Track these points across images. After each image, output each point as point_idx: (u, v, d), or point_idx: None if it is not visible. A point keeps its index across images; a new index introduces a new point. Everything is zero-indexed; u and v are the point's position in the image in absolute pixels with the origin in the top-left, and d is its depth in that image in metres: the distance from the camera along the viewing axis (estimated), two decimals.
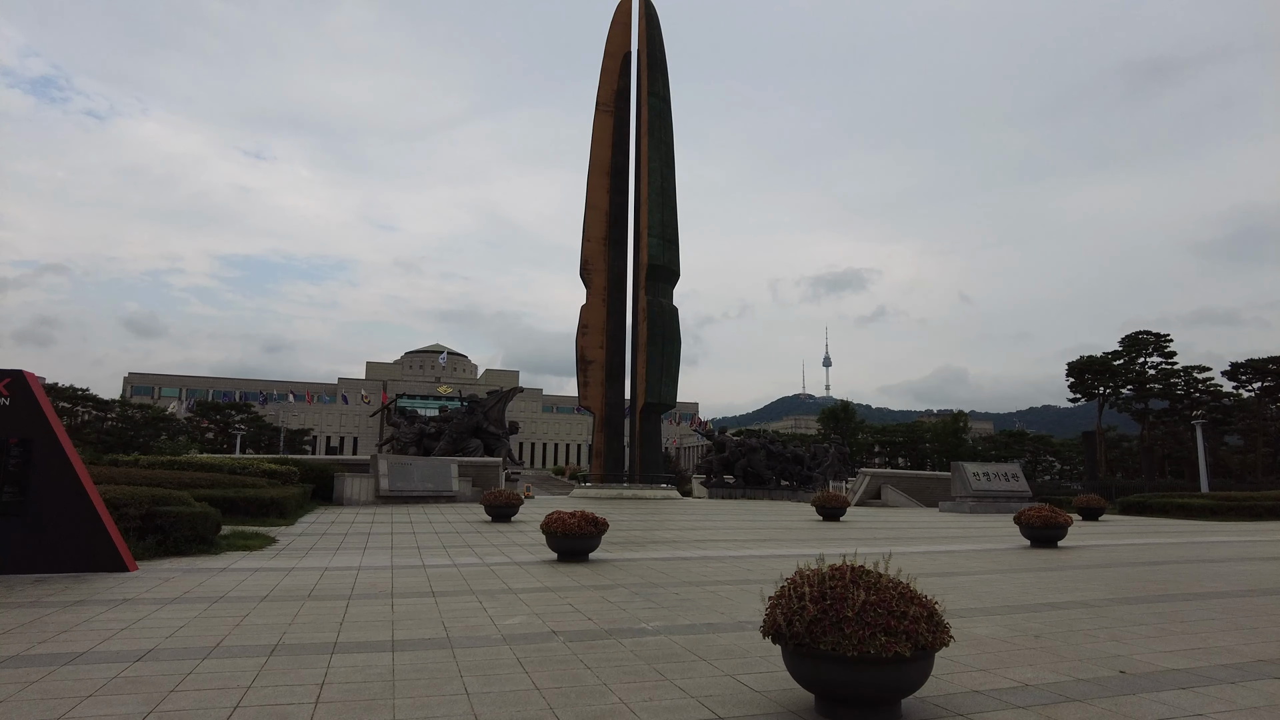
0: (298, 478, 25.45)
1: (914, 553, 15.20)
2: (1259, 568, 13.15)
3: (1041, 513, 16.20)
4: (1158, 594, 10.03)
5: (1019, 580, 11.24)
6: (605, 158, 49.17)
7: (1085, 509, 27.76)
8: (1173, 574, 12.12)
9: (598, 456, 46.66)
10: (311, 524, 19.86)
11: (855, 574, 4.99)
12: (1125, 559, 14.36)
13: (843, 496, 24.92)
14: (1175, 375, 68.94)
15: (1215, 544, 18.15)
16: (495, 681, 5.59)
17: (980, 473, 32.75)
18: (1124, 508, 32.58)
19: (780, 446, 52.46)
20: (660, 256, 46.61)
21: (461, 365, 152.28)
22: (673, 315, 47.48)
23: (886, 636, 4.53)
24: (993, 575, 11.74)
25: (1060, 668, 6.11)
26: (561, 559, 13.20)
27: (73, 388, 65.10)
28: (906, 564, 13.08)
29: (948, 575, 11.68)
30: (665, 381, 46.11)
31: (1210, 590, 10.40)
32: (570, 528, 12.96)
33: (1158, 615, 8.46)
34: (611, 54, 50.49)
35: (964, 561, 13.61)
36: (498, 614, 8.24)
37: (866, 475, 37.89)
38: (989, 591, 10.05)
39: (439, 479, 29.67)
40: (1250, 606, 9.11)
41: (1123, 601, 9.40)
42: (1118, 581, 11.23)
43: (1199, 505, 29.70)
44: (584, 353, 46.83)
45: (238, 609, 8.29)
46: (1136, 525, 25.10)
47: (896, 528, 22.37)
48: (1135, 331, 71.24)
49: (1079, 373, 71.49)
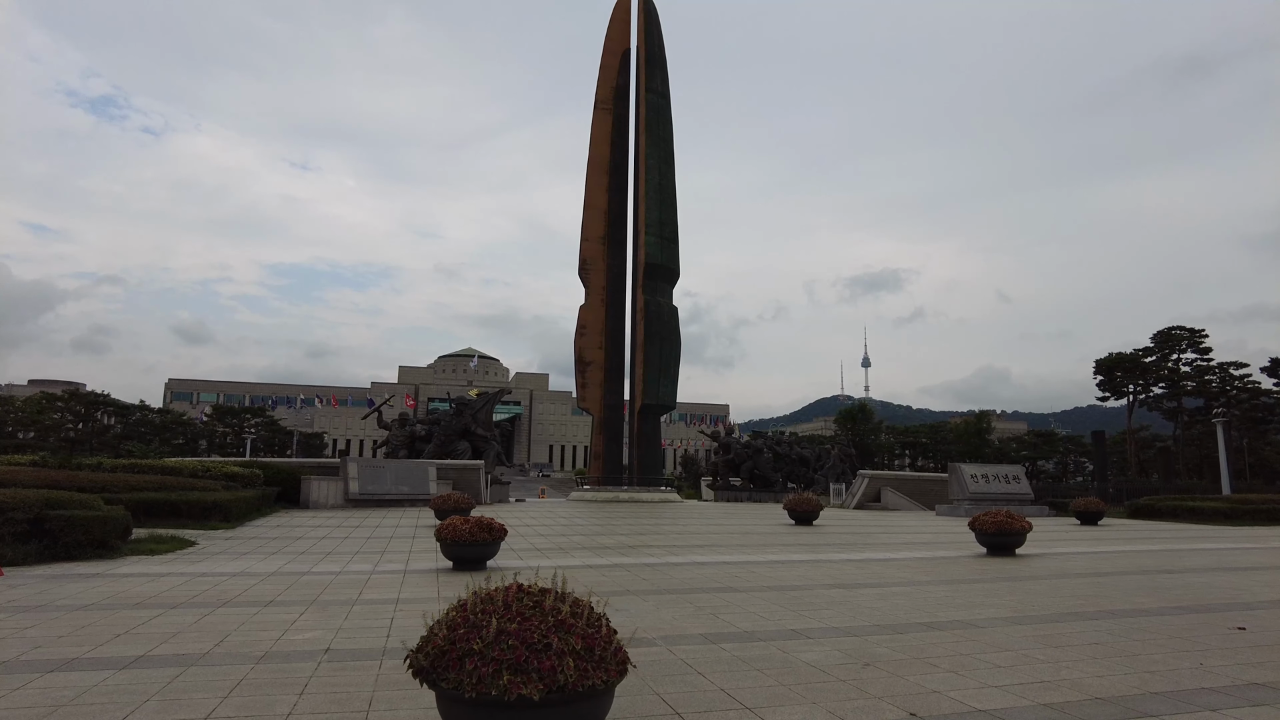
0: (261, 481, 25.18)
1: (849, 560, 14.20)
2: (1215, 579, 11.89)
3: (996, 518, 15.06)
4: (1067, 612, 8.96)
5: (928, 594, 10.23)
6: (604, 156, 48.53)
7: (1083, 513, 26.25)
8: (1109, 587, 10.98)
9: (596, 459, 46.02)
10: (255, 528, 19.47)
11: (515, 595, 4.18)
12: (1076, 569, 13.18)
13: (815, 500, 23.81)
14: (1210, 372, 65.86)
15: (1197, 551, 16.77)
16: (176, 708, 4.89)
17: (978, 474, 31.30)
18: (1133, 511, 30.82)
19: (787, 448, 51.16)
20: (658, 255, 45.81)
21: (493, 369, 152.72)
22: (672, 315, 46.63)
23: (512, 674, 3.72)
24: (905, 588, 10.74)
25: (841, 708, 5.20)
26: (457, 567, 12.53)
27: (94, 393, 66.62)
28: (832, 572, 12.18)
29: (854, 587, 10.70)
30: (664, 382, 45.29)
31: (1129, 607, 9.29)
32: (461, 535, 12.28)
33: (1040, 638, 7.44)
34: (611, 51, 49.87)
35: (893, 572, 12.59)
36: (300, 627, 7.59)
37: (865, 477, 36.56)
38: (878, 608, 9.09)
39: (415, 482, 29.22)
40: (1155, 628, 8.02)
41: (1018, 621, 8.37)
42: (1039, 596, 10.16)
43: (1210, 509, 27.90)
44: (582, 353, 46.23)
45: (36, 619, 7.73)
46: (1134, 530, 23.57)
47: (866, 533, 21.25)
48: (1168, 327, 68.31)
49: (1108, 370, 68.75)
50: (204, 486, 21.40)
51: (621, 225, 48.45)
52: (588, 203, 47.92)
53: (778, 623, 8.10)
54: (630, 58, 50.02)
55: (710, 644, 6.99)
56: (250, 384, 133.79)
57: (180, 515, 19.26)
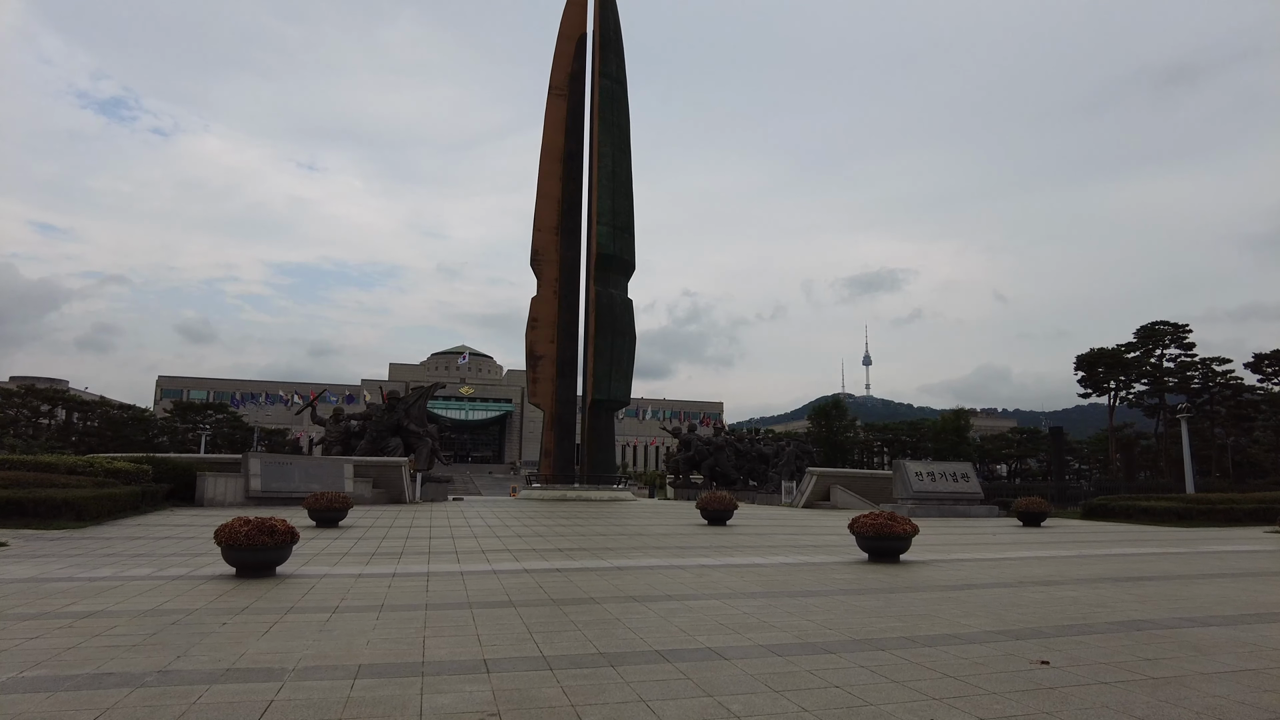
0: (149, 477, 23.73)
1: (717, 566, 12.71)
2: (1092, 593, 10.38)
3: (876, 520, 13.57)
4: (866, 638, 7.45)
5: (741, 608, 8.71)
6: (558, 143, 47.03)
7: (1025, 513, 24.75)
8: (953, 605, 9.48)
9: (546, 456, 44.53)
10: (111, 528, 18.00)
11: None
12: (947, 580, 11.68)
13: (728, 498, 22.33)
14: (1193, 368, 64.25)
15: (1110, 558, 15.30)
16: None
17: (923, 472, 29.77)
18: (1087, 511, 29.26)
19: (748, 445, 49.69)
20: (610, 245, 44.31)
21: (486, 366, 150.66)
22: (625, 308, 45.12)
23: None
24: (734, 601, 9.23)
25: None
26: (240, 574, 11.07)
27: (52, 388, 65.20)
28: (686, 581, 10.59)
29: (685, 599, 9.18)
30: (616, 377, 43.82)
31: (947, 632, 7.78)
32: (238, 538, 10.82)
33: (786, 674, 5.94)
34: (566, 36, 48.32)
35: (740, 581, 11.08)
36: None
37: (813, 475, 35.01)
38: (649, 626, 7.59)
39: (327, 479, 27.74)
40: (944, 660, 6.52)
41: (800, 649, 6.88)
42: (860, 616, 8.65)
43: (1163, 509, 26.35)
44: (533, 347, 44.75)
45: None
46: (1070, 533, 22.05)
47: (769, 534, 19.73)
48: (1151, 322, 66.73)
49: (1089, 366, 67.13)
50: (65, 483, 19.97)
51: (576, 215, 46.96)
52: (541, 191, 46.41)
53: (509, 648, 6.61)
54: (586, 42, 48.47)
55: (342, 680, 5.49)
56: (241, 381, 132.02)
57: (26, 514, 17.88)
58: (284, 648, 6.72)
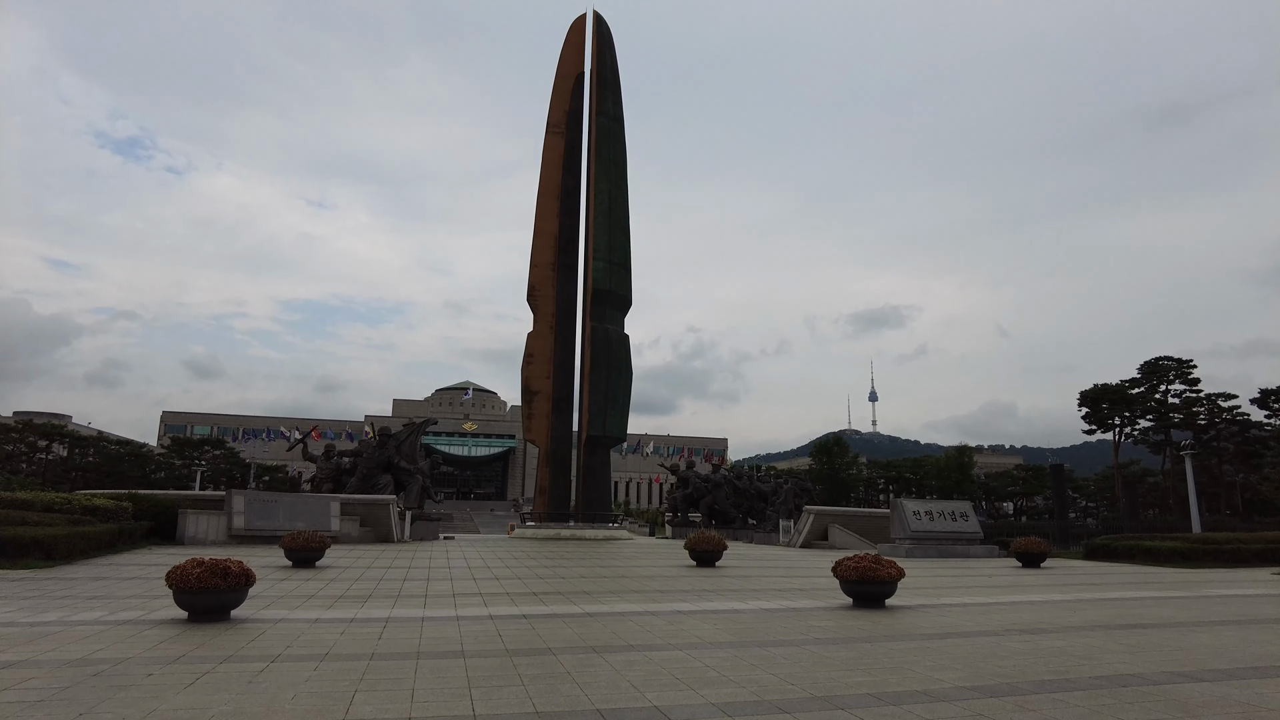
0: (129, 514, 23.30)
1: (693, 611, 12.18)
2: (1076, 643, 9.84)
3: (860, 564, 13.03)
4: (826, 695, 6.98)
5: (704, 660, 8.23)
6: (555, 180, 47.28)
7: (1023, 554, 24.07)
8: (930, 657, 8.97)
9: (541, 494, 43.93)
10: (81, 568, 17.52)
11: None
12: (930, 629, 11.15)
13: (717, 539, 21.75)
14: (1198, 404, 63.46)
15: (1105, 603, 14.70)
16: None
17: (921, 511, 29.11)
18: (1089, 552, 28.48)
19: (747, 482, 48.97)
20: (606, 281, 44.23)
21: (490, 402, 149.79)
22: (621, 343, 44.87)
23: None
24: (696, 651, 8.74)
25: None
26: (192, 618, 10.63)
27: (49, 423, 65.04)
28: (656, 629, 10.08)
29: (645, 649, 8.69)
30: (612, 413, 43.38)
31: (919, 689, 7.30)
32: (189, 581, 10.41)
33: None
34: (564, 75, 48.88)
35: (713, 630, 10.57)
36: None
37: (811, 513, 34.32)
38: (592, 681, 7.13)
39: (313, 517, 27.23)
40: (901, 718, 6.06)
41: (742, 711, 6.42)
42: (826, 670, 8.16)
43: (1167, 549, 25.61)
44: (529, 383, 44.43)
45: None
46: (1070, 575, 21.38)
47: (762, 576, 19.13)
48: (1155, 358, 66.14)
49: (1093, 402, 66.36)
50: (38, 521, 19.56)
51: (573, 251, 47.01)
52: (538, 228, 46.52)
53: (441, 705, 6.17)
54: (584, 81, 49.00)
55: None
56: (244, 416, 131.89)
57: None
58: (201, 704, 6.29)
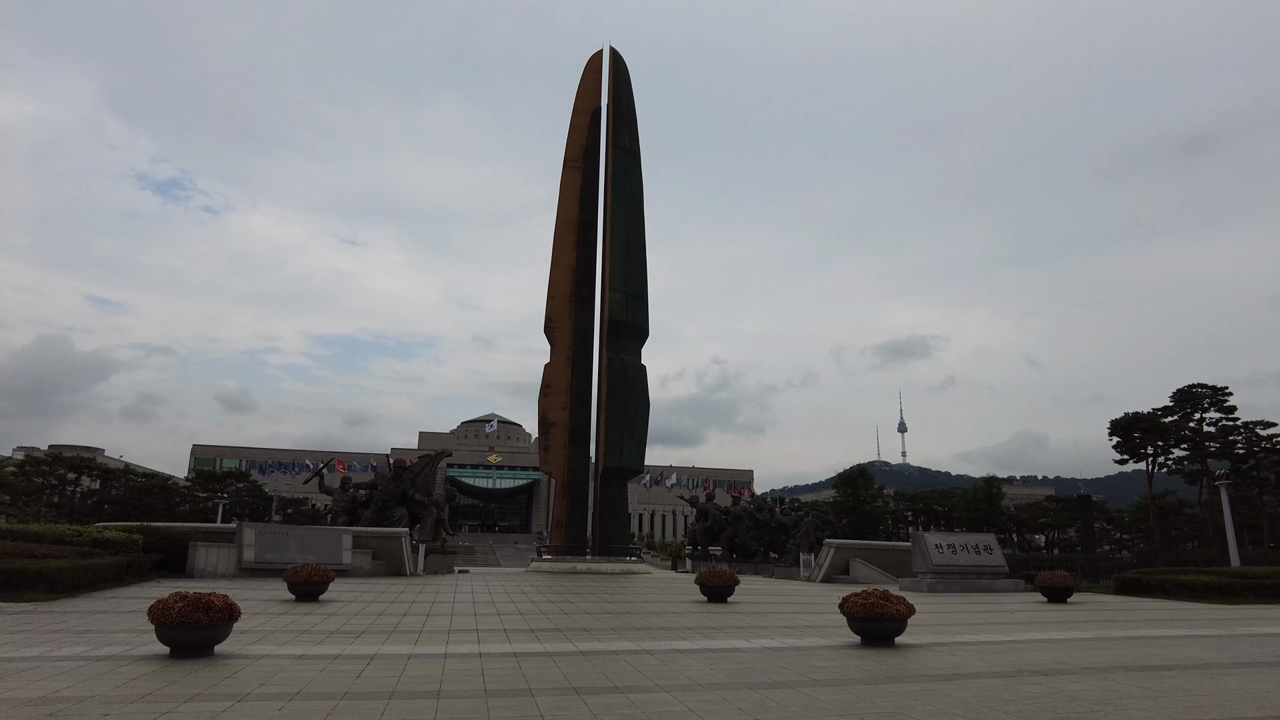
0: (138, 547, 23.33)
1: (692, 650, 11.74)
2: (1087, 687, 9.26)
3: (868, 600, 12.51)
4: None
5: (683, 705, 7.83)
6: (573, 214, 47.63)
7: (1049, 589, 23.17)
8: (934, 699, 8.47)
9: (558, 526, 43.52)
10: (81, 601, 17.48)
11: None
12: (938, 669, 10.60)
13: (729, 574, 21.19)
14: (1235, 432, 61.52)
15: (1129, 641, 13.97)
16: None
17: (944, 545, 28.26)
18: (1120, 586, 27.37)
19: (768, 515, 48.12)
20: (623, 312, 44.20)
21: (515, 434, 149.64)
22: (638, 374, 44.67)
23: None
24: (676, 695, 8.34)
25: None
26: (175, 654, 10.46)
27: (78, 456, 66.17)
28: (648, 669, 9.70)
29: (629, 691, 8.31)
30: (629, 444, 43.03)
31: None
32: (170, 616, 10.24)
33: None
34: (581, 110, 49.48)
35: (708, 671, 10.14)
36: None
37: (831, 547, 33.50)
38: None
39: (325, 551, 27.10)
40: None
41: None
42: (799, 716, 7.72)
43: (1203, 584, 24.51)
44: (545, 414, 44.30)
45: None
46: (1098, 611, 20.48)
47: (773, 613, 18.58)
48: (1189, 385, 64.40)
49: (1125, 431, 64.59)
50: (45, 553, 19.61)
51: (590, 283, 47.14)
52: (555, 260, 46.76)
53: None
54: (601, 116, 49.53)
55: None
56: (273, 449, 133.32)
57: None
58: None
